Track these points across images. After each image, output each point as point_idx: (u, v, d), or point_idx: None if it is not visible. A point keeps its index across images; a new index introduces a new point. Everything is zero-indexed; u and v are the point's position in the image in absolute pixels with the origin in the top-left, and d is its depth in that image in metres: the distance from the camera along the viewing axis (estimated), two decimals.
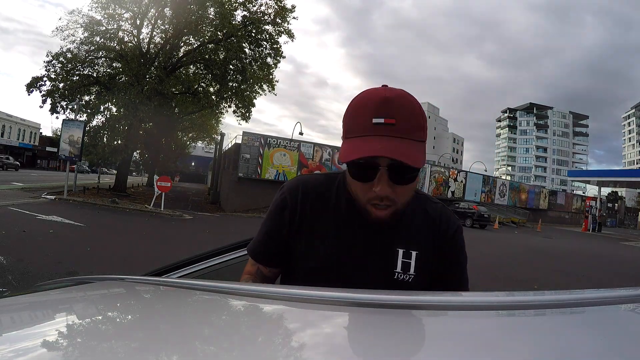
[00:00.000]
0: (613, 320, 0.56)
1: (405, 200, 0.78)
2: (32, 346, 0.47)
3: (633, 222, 40.74)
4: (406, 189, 0.75)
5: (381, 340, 0.46)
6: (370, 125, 0.71)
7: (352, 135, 0.74)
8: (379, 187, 0.72)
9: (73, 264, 5.00)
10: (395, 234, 0.83)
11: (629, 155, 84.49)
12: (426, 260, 0.83)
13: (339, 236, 0.83)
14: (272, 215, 0.89)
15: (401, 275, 0.81)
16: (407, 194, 0.77)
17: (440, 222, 0.86)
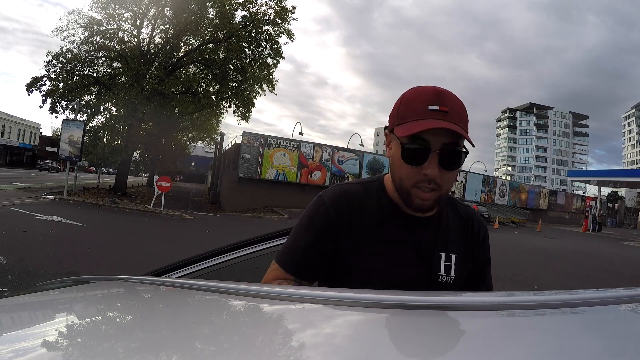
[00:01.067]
0: (613, 320, 0.56)
1: (448, 188, 0.80)
2: (32, 346, 0.48)
3: (633, 222, 40.74)
4: (452, 174, 0.78)
5: (381, 340, 0.46)
6: (425, 111, 0.75)
7: (407, 120, 0.77)
8: (430, 170, 0.75)
9: (73, 264, 5.00)
10: (436, 238, 0.86)
11: (629, 155, 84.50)
12: (463, 262, 0.87)
13: (385, 245, 0.84)
14: (312, 227, 0.85)
15: (444, 277, 0.84)
16: (451, 180, 0.80)
17: (472, 225, 0.91)
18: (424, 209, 0.81)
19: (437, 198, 0.80)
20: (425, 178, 0.76)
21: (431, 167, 0.75)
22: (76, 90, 15.55)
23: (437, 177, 0.76)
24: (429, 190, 0.77)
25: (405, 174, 0.78)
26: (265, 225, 12.10)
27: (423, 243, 0.85)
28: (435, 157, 0.75)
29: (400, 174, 0.80)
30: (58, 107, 15.56)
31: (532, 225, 25.25)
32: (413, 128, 0.74)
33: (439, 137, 0.75)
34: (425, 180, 0.76)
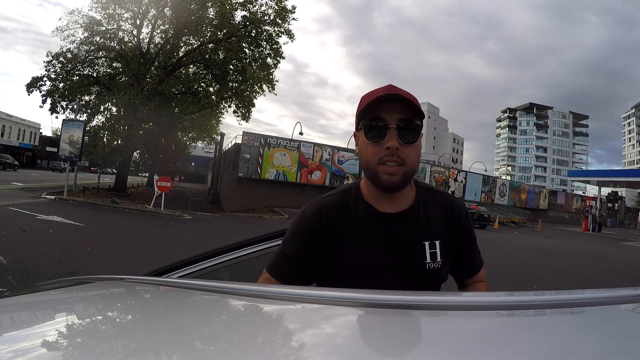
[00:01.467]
0: (613, 320, 0.56)
1: (412, 164, 0.86)
2: (32, 346, 0.48)
3: (633, 222, 40.73)
4: (412, 149, 0.85)
5: (381, 340, 0.46)
6: (380, 96, 0.84)
7: (365, 106, 0.86)
8: (390, 142, 0.83)
9: (73, 264, 4.99)
10: (417, 229, 0.91)
11: (629, 155, 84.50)
12: (448, 246, 0.93)
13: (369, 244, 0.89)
14: (297, 238, 0.92)
15: (431, 264, 0.90)
16: (413, 156, 0.86)
17: (452, 210, 0.96)
18: (392, 185, 0.85)
19: (404, 174, 0.85)
20: (388, 152, 0.83)
21: (391, 140, 0.83)
22: (76, 90, 15.55)
23: (398, 148, 0.83)
24: (394, 165, 0.84)
25: (370, 153, 0.86)
26: (265, 225, 12.10)
27: (404, 236, 0.90)
28: (393, 131, 0.83)
29: (366, 156, 0.87)
30: (58, 107, 15.56)
31: (532, 225, 25.25)
32: (370, 108, 0.84)
33: (395, 115, 0.84)
34: (389, 154, 0.84)
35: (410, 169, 0.86)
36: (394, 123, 0.84)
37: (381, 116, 0.84)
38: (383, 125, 0.84)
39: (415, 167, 0.87)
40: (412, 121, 0.85)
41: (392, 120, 0.84)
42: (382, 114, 0.84)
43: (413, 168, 0.86)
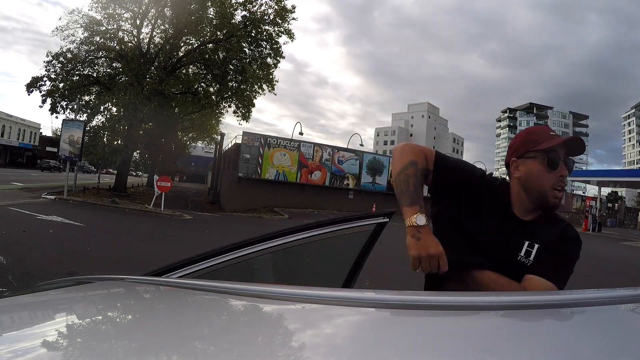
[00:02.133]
0: (613, 320, 0.56)
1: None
2: (32, 346, 0.48)
3: (633, 222, 40.70)
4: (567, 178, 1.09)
5: (381, 340, 0.46)
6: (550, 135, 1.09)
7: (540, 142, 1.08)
8: (562, 171, 1.06)
9: (73, 264, 4.99)
10: (526, 230, 1.09)
11: (629, 155, 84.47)
12: (545, 255, 1.07)
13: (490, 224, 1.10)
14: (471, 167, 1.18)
15: (523, 259, 1.06)
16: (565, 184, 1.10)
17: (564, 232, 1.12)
18: (557, 206, 1.09)
19: (562, 197, 1.09)
20: (561, 179, 1.06)
21: (562, 170, 1.06)
22: (76, 90, 15.55)
23: (566, 177, 1.06)
24: (560, 190, 1.07)
25: (544, 180, 1.06)
26: (265, 225, 12.10)
27: (515, 230, 1.09)
28: (563, 163, 1.07)
29: (540, 182, 1.07)
30: (58, 107, 15.56)
31: None
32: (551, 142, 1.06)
33: (561, 150, 1.07)
34: (562, 180, 1.06)
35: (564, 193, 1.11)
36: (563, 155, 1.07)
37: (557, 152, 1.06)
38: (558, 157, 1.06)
39: None
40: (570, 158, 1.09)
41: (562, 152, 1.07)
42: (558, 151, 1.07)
43: None
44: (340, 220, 1.26)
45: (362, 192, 20.40)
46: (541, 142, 1.07)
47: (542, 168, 1.06)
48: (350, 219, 1.30)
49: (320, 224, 1.22)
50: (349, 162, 20.11)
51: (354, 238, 1.48)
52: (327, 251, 1.63)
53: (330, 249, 1.62)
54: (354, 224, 1.31)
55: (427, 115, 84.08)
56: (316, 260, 1.65)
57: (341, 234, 1.33)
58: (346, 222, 1.27)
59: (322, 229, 1.21)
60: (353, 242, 1.51)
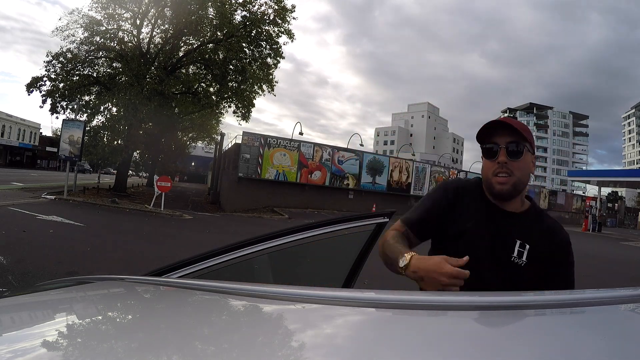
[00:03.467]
0: (613, 320, 0.56)
1: (520, 175, 1.09)
2: (32, 346, 0.48)
3: (633, 222, 40.68)
4: (519, 164, 1.09)
5: (381, 340, 0.46)
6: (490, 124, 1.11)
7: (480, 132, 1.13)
8: (500, 157, 1.08)
9: (73, 264, 4.99)
10: (516, 228, 1.10)
11: (629, 155, 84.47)
12: (537, 256, 1.08)
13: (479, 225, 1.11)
14: (432, 199, 1.19)
15: (516, 259, 1.08)
16: (520, 169, 1.09)
17: (554, 234, 1.15)
18: (504, 193, 1.09)
19: (513, 184, 1.09)
20: (499, 166, 1.08)
21: (501, 156, 1.08)
22: (76, 90, 15.54)
23: (507, 162, 1.07)
24: (504, 176, 1.08)
25: (486, 167, 1.12)
26: (265, 225, 12.10)
27: (504, 229, 1.10)
28: (503, 150, 1.08)
29: (485, 171, 1.13)
30: (58, 107, 15.54)
31: None
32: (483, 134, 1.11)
33: (504, 138, 1.09)
34: (500, 166, 1.08)
35: (518, 178, 1.09)
36: (503, 143, 1.09)
37: (495, 141, 1.10)
38: (495, 145, 1.10)
39: (524, 178, 1.10)
40: (518, 142, 1.09)
41: (502, 143, 1.09)
42: (495, 139, 1.10)
43: (521, 177, 1.09)
44: (340, 220, 1.26)
45: (362, 192, 20.40)
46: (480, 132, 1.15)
47: (484, 158, 1.13)
48: (350, 219, 1.30)
49: (320, 224, 1.22)
50: (349, 162, 20.11)
51: (354, 238, 1.48)
52: (327, 251, 1.63)
53: (330, 249, 1.62)
54: (354, 224, 1.31)
55: (427, 115, 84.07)
56: (316, 260, 1.65)
57: (341, 234, 1.33)
58: (346, 222, 1.27)
59: (322, 229, 1.21)
60: (353, 242, 1.51)
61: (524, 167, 1.11)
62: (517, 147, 1.09)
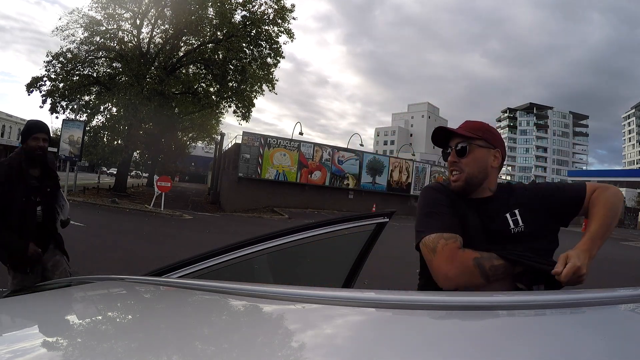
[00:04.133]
0: (613, 320, 0.56)
1: (470, 170, 1.18)
2: (32, 346, 0.48)
3: (633, 222, 40.72)
4: (467, 160, 1.19)
5: (381, 340, 0.46)
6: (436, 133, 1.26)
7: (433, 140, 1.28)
8: (450, 158, 1.21)
9: (73, 264, 4.98)
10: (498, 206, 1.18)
11: (629, 155, 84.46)
12: (529, 214, 1.15)
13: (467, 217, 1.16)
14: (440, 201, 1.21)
15: (515, 229, 1.14)
16: (469, 165, 1.18)
17: (524, 190, 1.24)
18: (458, 189, 1.19)
19: (465, 179, 1.18)
20: (451, 165, 1.20)
21: (451, 157, 1.21)
22: (76, 90, 15.55)
23: (456, 161, 1.19)
24: (456, 174, 1.19)
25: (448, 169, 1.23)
26: (265, 225, 12.10)
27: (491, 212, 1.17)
28: (453, 151, 1.21)
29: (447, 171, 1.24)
30: (58, 107, 15.56)
31: None
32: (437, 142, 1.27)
33: (454, 141, 1.22)
34: (452, 166, 1.20)
35: (469, 173, 1.18)
36: (454, 145, 1.21)
37: (450, 146, 1.22)
38: (447, 149, 1.23)
39: (474, 171, 1.18)
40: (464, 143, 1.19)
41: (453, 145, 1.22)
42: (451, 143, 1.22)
43: (471, 172, 1.18)
44: (340, 220, 1.26)
45: (362, 192, 20.41)
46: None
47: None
48: (350, 219, 1.30)
49: (320, 224, 1.22)
50: (349, 162, 20.11)
51: (354, 238, 1.48)
52: (327, 251, 1.63)
53: (330, 249, 1.62)
54: (354, 224, 1.31)
55: (427, 115, 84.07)
56: (316, 260, 1.65)
57: (341, 234, 1.33)
58: (346, 222, 1.28)
59: (322, 229, 1.21)
60: (353, 242, 1.51)
61: (473, 162, 1.19)
62: (462, 146, 1.20)
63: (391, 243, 9.85)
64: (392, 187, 21.61)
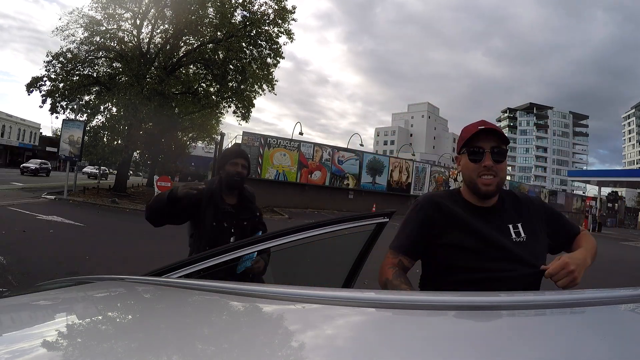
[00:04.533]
0: (613, 320, 0.56)
1: (502, 176, 1.18)
2: (32, 346, 0.48)
3: (633, 222, 40.70)
4: (502, 166, 1.17)
5: (381, 340, 0.46)
6: (477, 130, 1.18)
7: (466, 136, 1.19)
8: (487, 162, 1.15)
9: (73, 264, 4.99)
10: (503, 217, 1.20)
11: (629, 155, 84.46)
12: (531, 228, 1.19)
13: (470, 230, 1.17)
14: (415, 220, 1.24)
15: (517, 238, 1.17)
16: (502, 170, 1.18)
17: (530, 204, 1.27)
18: (489, 192, 1.17)
19: (497, 184, 1.17)
20: (485, 169, 1.15)
21: (487, 160, 1.15)
22: (76, 90, 15.54)
23: (493, 166, 1.15)
24: (490, 177, 1.16)
25: (471, 171, 1.18)
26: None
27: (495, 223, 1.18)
28: (488, 153, 1.16)
29: (468, 173, 1.19)
30: (58, 107, 15.55)
31: None
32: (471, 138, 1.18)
33: (488, 143, 1.16)
34: (486, 169, 1.15)
35: (502, 178, 1.18)
36: (488, 148, 1.16)
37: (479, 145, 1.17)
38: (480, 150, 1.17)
39: (505, 177, 1.20)
40: (501, 146, 1.18)
41: (487, 147, 1.17)
42: (479, 143, 1.17)
43: (504, 178, 1.19)
44: (340, 220, 1.26)
45: (362, 192, 20.41)
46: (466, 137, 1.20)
47: (468, 161, 1.20)
48: (350, 219, 1.30)
49: (320, 224, 1.22)
50: (349, 162, 20.11)
51: (354, 238, 1.48)
52: (327, 251, 1.63)
53: (330, 249, 1.62)
54: (354, 224, 1.31)
55: (427, 115, 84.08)
56: (316, 260, 1.65)
57: (341, 234, 1.33)
58: (346, 222, 1.27)
59: (322, 229, 1.21)
60: (353, 242, 1.51)
61: (505, 168, 1.20)
62: (500, 150, 1.18)
63: None
64: (392, 187, 21.61)
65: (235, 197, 2.00)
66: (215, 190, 1.92)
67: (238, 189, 1.99)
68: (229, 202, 1.96)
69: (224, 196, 1.95)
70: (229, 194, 1.98)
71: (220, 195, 1.93)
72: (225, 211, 1.91)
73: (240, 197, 2.02)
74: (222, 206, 1.92)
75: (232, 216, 1.93)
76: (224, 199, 1.94)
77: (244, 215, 1.99)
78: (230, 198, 1.98)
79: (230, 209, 1.94)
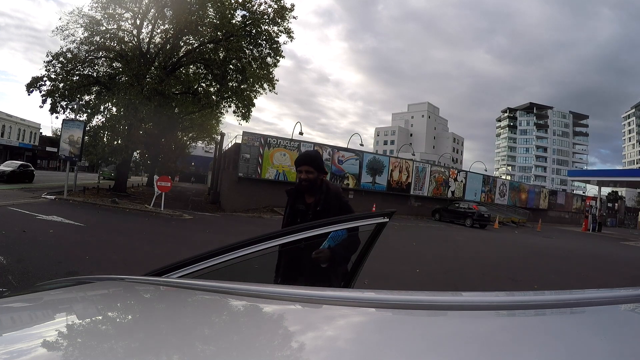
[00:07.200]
0: (613, 320, 0.56)
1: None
2: (32, 346, 0.48)
3: (633, 222, 40.72)
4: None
5: (381, 339, 0.46)
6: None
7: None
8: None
9: (73, 264, 5.00)
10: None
11: (629, 155, 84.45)
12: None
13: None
14: None
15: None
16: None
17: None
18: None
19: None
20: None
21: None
22: (76, 90, 15.54)
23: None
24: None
25: None
26: (265, 225, 12.10)
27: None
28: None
29: None
30: (58, 107, 15.55)
31: (532, 225, 25.25)
32: None
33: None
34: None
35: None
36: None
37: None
38: None
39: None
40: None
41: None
42: None
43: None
44: (340, 220, 1.26)
45: (362, 192, 20.41)
46: None
47: None
48: (350, 219, 1.30)
49: (320, 224, 1.22)
50: (349, 162, 20.12)
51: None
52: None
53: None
54: (354, 224, 1.31)
55: (427, 115, 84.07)
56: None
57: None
58: (346, 222, 1.27)
59: (322, 229, 1.21)
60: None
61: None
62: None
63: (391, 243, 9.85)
64: (392, 187, 21.61)
65: (312, 196, 2.24)
66: (293, 192, 2.26)
67: (310, 191, 2.21)
68: (308, 200, 2.22)
69: (305, 196, 2.23)
70: (310, 195, 2.25)
71: (302, 195, 2.23)
72: (297, 210, 2.22)
73: (317, 195, 2.23)
74: (297, 204, 2.22)
75: (303, 213, 2.19)
76: (300, 198, 2.23)
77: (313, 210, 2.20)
78: (309, 198, 2.24)
79: (303, 207, 2.19)
